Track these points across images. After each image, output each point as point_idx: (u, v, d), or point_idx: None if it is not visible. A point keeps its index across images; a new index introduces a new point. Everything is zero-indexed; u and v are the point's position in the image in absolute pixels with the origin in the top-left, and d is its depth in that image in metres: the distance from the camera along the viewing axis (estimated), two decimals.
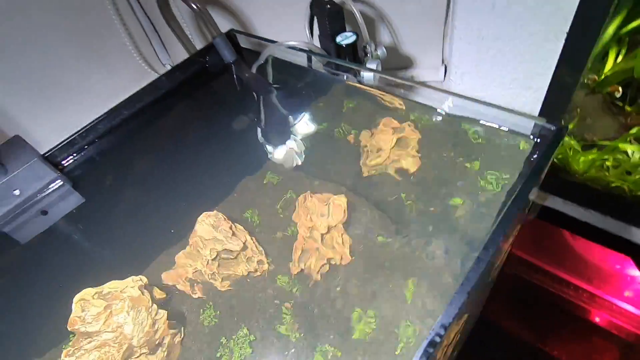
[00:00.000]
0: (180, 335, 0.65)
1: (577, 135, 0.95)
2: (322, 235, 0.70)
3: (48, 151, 0.84)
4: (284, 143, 0.90)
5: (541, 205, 1.05)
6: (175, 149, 0.94)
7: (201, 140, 0.95)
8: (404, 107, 0.85)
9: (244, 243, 0.70)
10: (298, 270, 0.70)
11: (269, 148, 0.91)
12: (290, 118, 0.96)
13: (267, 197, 0.81)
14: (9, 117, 0.93)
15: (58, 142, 0.80)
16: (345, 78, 0.90)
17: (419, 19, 1.05)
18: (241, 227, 0.73)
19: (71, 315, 0.57)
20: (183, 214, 0.80)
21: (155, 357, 0.60)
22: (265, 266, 0.71)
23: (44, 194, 0.82)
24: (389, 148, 0.82)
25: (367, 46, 0.95)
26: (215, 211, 0.71)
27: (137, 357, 0.58)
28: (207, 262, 0.68)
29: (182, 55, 1.06)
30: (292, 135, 0.90)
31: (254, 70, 0.99)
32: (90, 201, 0.85)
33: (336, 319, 0.64)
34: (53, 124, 1.01)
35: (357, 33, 0.93)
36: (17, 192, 0.77)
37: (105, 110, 0.82)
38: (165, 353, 0.61)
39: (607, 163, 0.86)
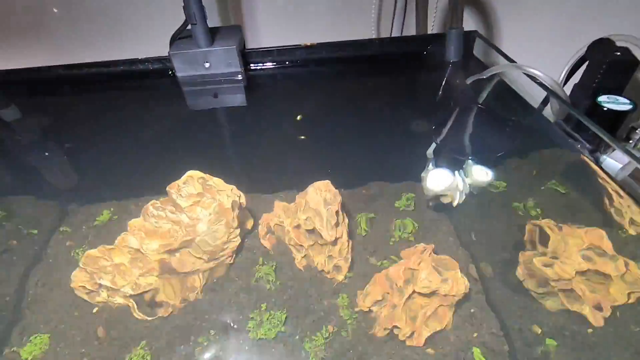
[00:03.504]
0: (231, 260, 0.58)
1: None
2: (412, 294, 0.49)
3: (248, 49, 0.86)
4: (448, 175, 0.68)
5: None
6: (347, 109, 0.84)
7: (373, 116, 0.82)
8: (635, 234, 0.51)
9: (337, 239, 0.55)
10: (365, 310, 0.52)
11: (429, 169, 0.70)
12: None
13: (389, 215, 0.63)
14: (256, 22, 1.00)
15: (259, 47, 0.80)
16: (579, 146, 0.61)
17: None
18: (346, 222, 0.58)
19: (176, 181, 0.56)
20: (315, 169, 0.69)
21: (205, 265, 0.55)
22: (340, 276, 0.55)
23: (223, 79, 0.86)
24: (573, 271, 0.50)
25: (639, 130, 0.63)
26: (337, 190, 0.57)
27: (193, 255, 0.53)
28: (300, 227, 0.57)
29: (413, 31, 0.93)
30: (462, 172, 0.67)
31: (469, 81, 0.79)
32: (250, 107, 0.84)
33: None
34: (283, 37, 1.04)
35: (637, 105, 0.61)
36: (207, 65, 0.82)
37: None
38: (213, 266, 0.55)
39: None
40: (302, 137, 0.78)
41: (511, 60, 0.76)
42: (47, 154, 0.77)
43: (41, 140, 0.80)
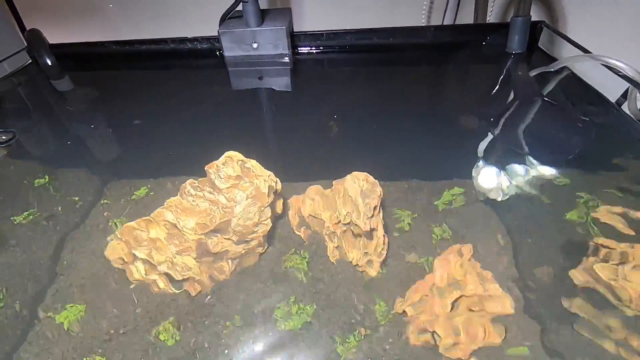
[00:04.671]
0: (262, 249, 0.55)
1: None
2: (459, 299, 0.43)
3: (295, 31, 0.82)
4: (495, 175, 0.61)
5: None
6: (396, 100, 0.77)
7: (423, 107, 0.76)
8: None
9: (372, 230, 0.51)
10: (401, 311, 0.46)
11: (479, 167, 0.63)
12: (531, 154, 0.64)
13: (431, 213, 0.57)
14: (303, 5, 0.95)
15: (308, 30, 0.76)
16: None
17: None
18: (381, 215, 0.52)
19: (215, 161, 0.54)
20: (355, 160, 0.64)
21: (235, 248, 0.52)
22: (373, 272, 0.51)
23: (270, 61, 0.83)
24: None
25: None
26: (376, 181, 0.51)
27: (224, 236, 0.51)
28: (337, 220, 0.52)
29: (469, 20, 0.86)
30: (507, 172, 0.60)
31: (532, 73, 0.72)
32: (294, 92, 0.81)
33: None
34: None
35: None
36: (255, 45, 0.79)
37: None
38: (243, 252, 0.52)
39: None
40: (336, 128, 0.73)
41: (586, 52, 0.67)
42: (92, 126, 0.77)
43: (89, 112, 0.81)
